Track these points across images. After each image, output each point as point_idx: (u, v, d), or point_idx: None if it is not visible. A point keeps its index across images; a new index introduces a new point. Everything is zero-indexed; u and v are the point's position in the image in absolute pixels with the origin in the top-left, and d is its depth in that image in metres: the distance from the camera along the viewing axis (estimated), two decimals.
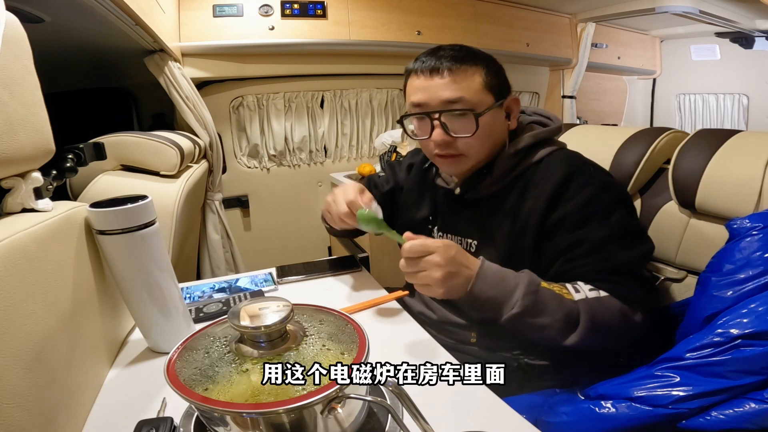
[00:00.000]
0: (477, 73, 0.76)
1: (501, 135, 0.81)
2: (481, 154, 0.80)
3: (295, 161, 2.16)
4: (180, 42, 1.73)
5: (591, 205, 0.73)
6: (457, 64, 0.75)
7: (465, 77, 0.75)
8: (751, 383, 0.55)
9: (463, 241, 0.85)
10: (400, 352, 0.65)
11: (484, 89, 0.76)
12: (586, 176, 0.75)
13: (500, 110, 0.79)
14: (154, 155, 1.15)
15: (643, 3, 2.32)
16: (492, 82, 0.77)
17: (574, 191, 0.74)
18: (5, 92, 0.44)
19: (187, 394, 0.38)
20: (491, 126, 0.78)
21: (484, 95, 0.76)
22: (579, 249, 0.72)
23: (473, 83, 0.75)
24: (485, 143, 0.79)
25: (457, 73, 0.75)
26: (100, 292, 0.60)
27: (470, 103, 0.75)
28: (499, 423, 0.49)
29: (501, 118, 0.80)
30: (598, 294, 0.69)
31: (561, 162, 0.78)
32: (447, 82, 0.75)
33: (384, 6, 1.99)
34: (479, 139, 0.77)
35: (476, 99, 0.75)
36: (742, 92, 3.49)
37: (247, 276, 0.95)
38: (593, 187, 0.74)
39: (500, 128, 0.80)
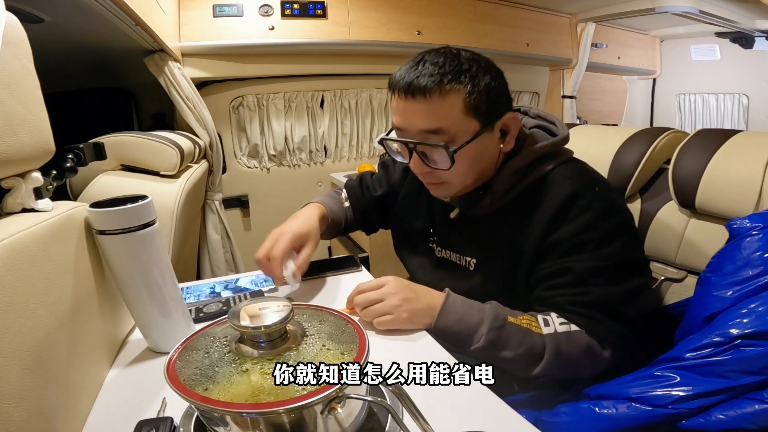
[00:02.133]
0: (458, 96, 0.66)
1: (491, 159, 0.74)
2: (467, 180, 0.74)
3: (295, 161, 2.16)
4: (180, 42, 1.73)
5: (587, 233, 0.68)
6: (436, 85, 0.65)
7: (442, 103, 0.66)
8: (751, 383, 0.55)
9: (461, 259, 0.82)
10: (400, 352, 0.65)
11: (466, 115, 0.67)
12: (588, 199, 0.70)
13: (489, 134, 0.70)
14: (154, 155, 1.15)
15: (643, 3, 2.32)
16: (478, 103, 0.67)
17: (573, 215, 0.69)
18: (5, 92, 0.44)
19: (187, 394, 0.38)
20: (476, 154, 0.70)
21: (466, 122, 0.67)
22: (562, 278, 0.69)
23: (452, 109, 0.66)
24: (469, 172, 0.72)
25: (433, 99, 0.65)
26: (100, 292, 0.60)
27: (448, 133, 0.67)
28: (499, 423, 0.49)
29: (491, 143, 0.71)
30: (568, 328, 0.67)
31: (565, 180, 0.72)
32: (423, 108, 0.66)
33: (384, 6, 2.00)
34: (459, 171, 0.70)
35: (456, 128, 0.67)
36: (742, 92, 3.49)
37: (247, 276, 0.95)
38: (593, 213, 0.69)
39: (490, 153, 0.73)
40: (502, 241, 0.75)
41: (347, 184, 1.04)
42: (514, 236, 0.74)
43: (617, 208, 0.72)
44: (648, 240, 0.93)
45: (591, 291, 0.68)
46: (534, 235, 0.71)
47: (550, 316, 0.68)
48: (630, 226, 0.74)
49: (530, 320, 0.68)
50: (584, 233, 0.68)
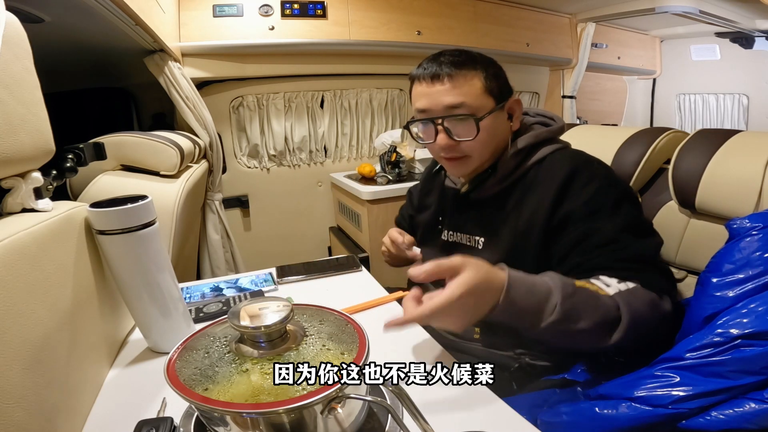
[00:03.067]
0: (477, 78, 0.78)
1: (503, 136, 0.83)
2: (485, 155, 0.82)
3: (295, 161, 2.16)
4: (180, 42, 1.73)
5: (597, 200, 0.73)
6: (457, 69, 0.77)
7: (465, 82, 0.77)
8: (751, 383, 0.55)
9: (471, 239, 0.87)
10: (401, 352, 0.65)
11: (484, 93, 0.78)
12: (590, 171, 0.76)
13: (502, 112, 0.81)
14: (154, 155, 1.15)
15: (643, 3, 2.32)
16: (492, 86, 0.79)
17: (579, 187, 0.74)
18: (5, 92, 0.44)
19: (187, 394, 0.38)
20: (493, 128, 0.80)
21: (485, 99, 0.78)
22: (592, 239, 0.70)
23: (473, 88, 0.77)
24: (488, 145, 0.81)
25: (457, 79, 0.77)
26: (100, 292, 0.60)
27: (471, 107, 0.77)
28: (499, 423, 0.49)
29: (503, 120, 0.82)
30: (627, 286, 0.64)
31: (564, 159, 0.79)
32: (448, 87, 0.77)
33: (384, 6, 1.99)
34: (481, 141, 0.79)
35: (477, 103, 0.77)
36: (742, 92, 3.49)
37: (247, 276, 0.95)
38: (598, 181, 0.74)
39: (502, 130, 0.82)
40: (508, 219, 0.80)
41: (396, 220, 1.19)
42: (520, 213, 0.78)
43: (619, 178, 0.78)
44: None
45: (627, 246, 0.69)
46: (541, 212, 0.75)
47: (602, 278, 0.65)
48: (633, 193, 0.79)
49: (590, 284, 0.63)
50: (595, 200, 0.73)
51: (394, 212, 1.81)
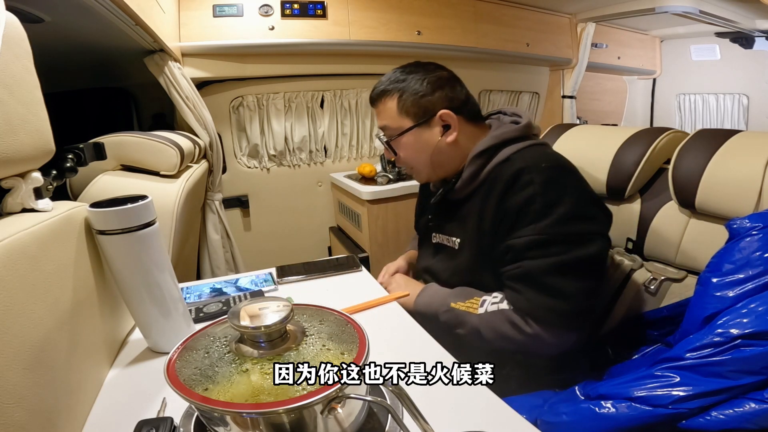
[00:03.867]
0: (391, 101, 0.86)
1: (442, 148, 0.87)
2: (422, 166, 0.89)
3: (295, 161, 2.16)
4: (180, 42, 1.73)
5: (527, 205, 0.76)
6: (378, 96, 0.88)
7: (384, 108, 0.88)
8: (751, 383, 0.55)
9: (449, 240, 0.90)
10: (401, 352, 0.65)
11: (398, 116, 0.86)
12: (532, 174, 0.77)
13: (428, 128, 0.86)
14: (154, 155, 1.15)
15: (643, 3, 2.31)
16: (408, 107, 0.85)
17: (518, 188, 0.77)
18: (5, 92, 0.44)
19: (187, 394, 0.38)
20: (417, 144, 0.87)
21: (399, 121, 0.86)
22: (507, 255, 0.79)
23: (389, 111, 0.87)
24: (418, 158, 0.88)
25: (378, 104, 0.89)
26: (100, 292, 0.60)
27: (392, 129, 0.87)
28: (499, 423, 0.49)
29: (432, 135, 0.86)
30: (497, 308, 0.80)
31: (519, 159, 0.81)
32: (377, 110, 0.90)
33: (384, 6, 1.99)
34: (409, 156, 0.88)
35: (395, 125, 0.87)
36: (742, 92, 3.49)
37: (247, 276, 0.95)
38: (534, 186, 0.76)
39: (434, 142, 0.86)
40: (476, 219, 0.84)
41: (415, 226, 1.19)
42: (481, 213, 0.83)
43: (561, 181, 0.79)
44: (648, 240, 0.93)
45: (522, 265, 0.77)
46: (492, 209, 0.80)
47: (489, 297, 0.82)
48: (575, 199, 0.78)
49: (473, 303, 0.82)
50: (525, 206, 0.76)
51: (394, 212, 1.82)
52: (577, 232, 0.76)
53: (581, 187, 0.81)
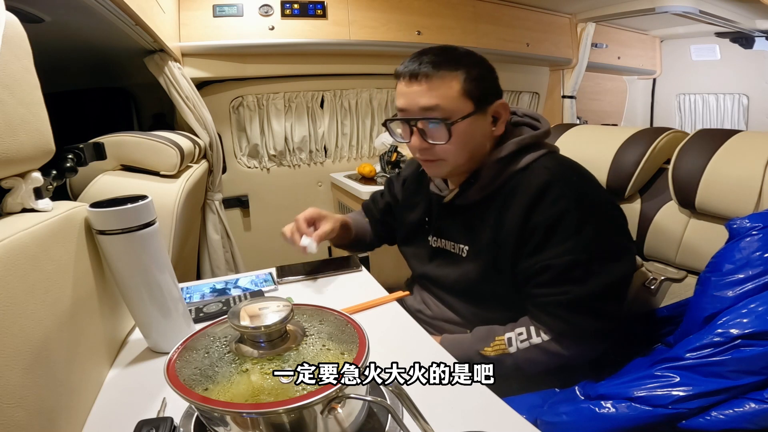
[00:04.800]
0: (455, 80, 0.75)
1: (483, 140, 0.80)
2: (460, 159, 0.79)
3: (295, 161, 2.16)
4: (180, 42, 1.73)
5: (561, 219, 0.72)
6: (435, 69, 0.74)
7: (442, 84, 0.74)
8: (751, 383, 0.55)
9: (455, 246, 0.86)
10: (401, 352, 0.65)
11: (461, 96, 0.75)
12: (562, 187, 0.74)
13: (483, 116, 0.78)
14: (154, 155, 1.15)
15: (643, 3, 2.31)
16: (472, 88, 0.75)
17: (548, 202, 0.73)
18: (5, 92, 0.44)
19: (187, 394, 0.38)
20: (469, 133, 0.77)
21: (462, 102, 0.75)
22: (544, 275, 0.74)
23: (450, 90, 0.74)
24: (463, 150, 0.78)
25: (434, 80, 0.74)
26: (100, 292, 0.60)
27: (446, 110, 0.75)
28: (499, 423, 0.49)
29: (483, 125, 0.78)
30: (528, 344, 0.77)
31: (544, 170, 0.77)
32: (424, 89, 0.75)
33: (384, 6, 1.99)
34: (455, 146, 0.77)
35: (452, 106, 0.75)
36: (742, 92, 3.49)
37: (247, 276, 0.95)
38: (567, 200, 0.73)
39: (482, 134, 0.79)
40: (489, 228, 0.80)
41: (363, 205, 1.16)
42: (499, 223, 0.78)
43: (592, 195, 0.77)
44: (648, 240, 0.93)
45: (569, 290, 0.73)
46: (514, 221, 0.76)
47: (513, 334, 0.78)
48: (607, 212, 0.78)
49: (500, 343, 0.79)
50: (559, 219, 0.72)
51: None
52: (614, 248, 0.75)
53: (606, 199, 0.79)
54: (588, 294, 0.72)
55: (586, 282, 0.72)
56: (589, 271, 0.72)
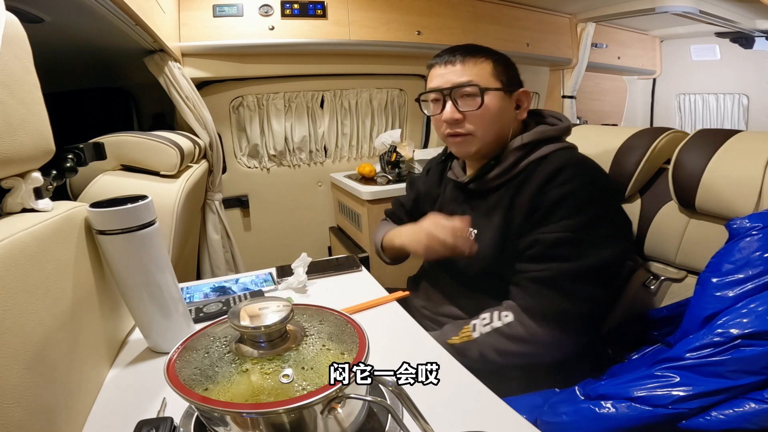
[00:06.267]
0: (486, 63, 0.83)
1: (508, 122, 0.85)
2: (488, 136, 0.84)
3: (295, 161, 2.16)
4: (180, 42, 1.73)
5: (563, 200, 0.75)
6: (469, 55, 0.84)
7: (475, 65, 0.83)
8: (751, 383, 0.55)
9: None
10: (401, 352, 0.65)
11: (492, 76, 0.83)
12: (574, 170, 0.77)
13: (508, 99, 0.85)
14: (154, 155, 1.15)
15: (643, 3, 2.31)
16: (500, 73, 0.84)
17: (556, 184, 0.76)
18: (5, 92, 0.44)
19: (187, 394, 0.38)
20: (498, 109, 0.83)
21: (492, 81, 0.83)
22: (532, 250, 0.77)
23: (483, 70, 0.83)
24: (492, 125, 0.83)
25: (468, 62, 0.83)
26: (100, 292, 0.60)
27: (479, 83, 0.82)
28: (499, 423, 0.49)
29: (509, 107, 0.85)
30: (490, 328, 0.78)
31: (558, 158, 0.80)
32: (459, 69, 0.83)
33: (384, 6, 1.99)
34: (486, 119, 0.82)
35: (484, 82, 0.82)
36: (742, 92, 3.49)
37: (247, 276, 0.95)
38: (575, 182, 0.76)
39: (508, 116, 0.85)
40: (501, 211, 0.83)
41: (387, 212, 1.18)
42: (511, 206, 0.82)
43: (602, 183, 0.79)
44: (648, 240, 0.93)
45: (550, 267, 0.75)
46: (525, 201, 0.79)
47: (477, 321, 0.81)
48: (610, 203, 0.80)
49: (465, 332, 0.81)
50: (561, 200, 0.75)
51: None
52: (606, 234, 0.76)
53: (614, 192, 0.82)
54: (565, 272, 0.74)
55: (568, 260, 0.74)
56: (575, 250, 0.74)
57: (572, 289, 0.74)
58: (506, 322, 0.77)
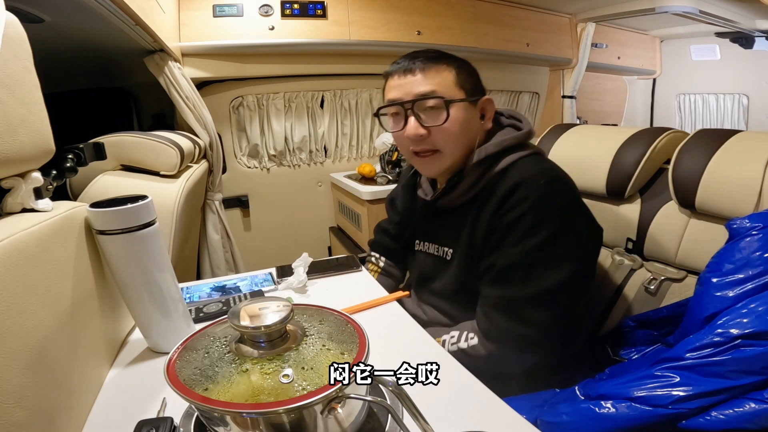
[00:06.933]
0: (448, 71, 0.78)
1: (475, 135, 0.81)
2: (457, 151, 0.80)
3: (295, 161, 2.16)
4: (180, 42, 1.73)
5: (518, 222, 0.73)
6: (430, 63, 0.78)
7: (437, 74, 0.77)
8: (751, 383, 0.55)
9: (439, 249, 0.87)
10: (400, 352, 0.65)
11: (455, 85, 0.78)
12: (529, 190, 0.73)
13: (473, 109, 0.80)
14: (154, 155, 1.15)
15: (643, 3, 2.31)
16: (463, 81, 0.79)
17: (511, 204, 0.74)
18: (5, 92, 0.44)
19: (187, 394, 0.38)
20: (465, 121, 0.78)
21: (456, 91, 0.78)
22: (488, 274, 0.77)
23: (445, 79, 0.78)
24: (460, 139, 0.79)
25: (429, 71, 0.77)
26: (100, 292, 0.60)
27: (442, 94, 0.77)
28: (499, 423, 0.49)
29: (475, 117, 0.81)
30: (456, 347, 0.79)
31: (517, 172, 0.77)
32: (419, 78, 0.77)
33: (384, 6, 1.99)
34: (452, 133, 0.77)
35: (448, 93, 0.77)
36: (742, 92, 3.49)
37: (247, 276, 0.95)
38: (528, 202, 0.72)
39: (474, 127, 0.81)
40: (467, 230, 0.81)
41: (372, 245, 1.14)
42: (474, 224, 0.80)
43: (558, 199, 0.75)
44: (648, 240, 0.93)
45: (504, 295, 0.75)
46: (485, 222, 0.77)
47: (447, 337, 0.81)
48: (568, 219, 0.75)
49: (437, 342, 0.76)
50: (515, 222, 0.73)
51: None
52: (561, 256, 0.73)
53: (573, 205, 0.78)
54: (518, 299, 0.73)
55: (521, 285, 0.73)
56: (528, 275, 0.72)
57: (527, 314, 0.73)
58: (471, 344, 0.78)
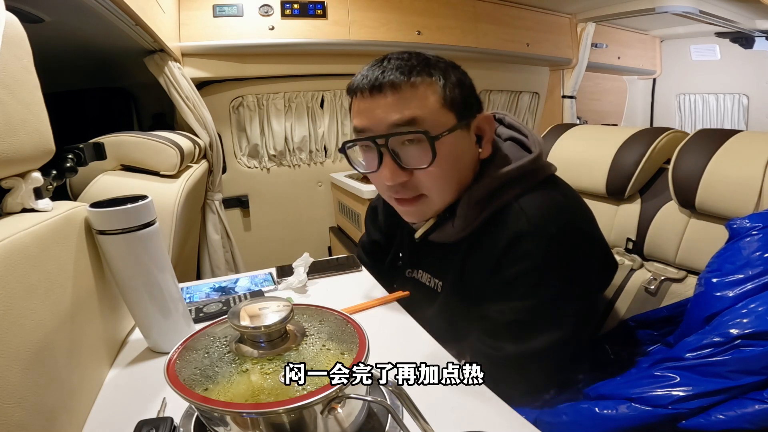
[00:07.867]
0: (430, 88, 0.60)
1: (470, 165, 0.65)
2: (447, 194, 0.65)
3: (295, 161, 2.16)
4: (180, 42, 1.73)
5: (520, 279, 0.63)
6: (404, 77, 0.60)
7: (415, 94, 0.60)
8: (751, 383, 0.55)
9: (431, 280, 0.80)
10: (401, 352, 0.65)
11: (441, 107, 0.60)
12: (532, 242, 0.61)
13: (466, 133, 0.63)
14: (154, 155, 1.15)
15: (643, 3, 2.31)
16: (453, 97, 0.61)
17: (513, 258, 0.62)
18: (5, 92, 0.44)
19: (187, 394, 0.38)
20: (456, 154, 0.62)
21: (442, 114, 0.61)
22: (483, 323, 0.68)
23: (426, 99, 0.60)
24: (450, 178, 0.63)
25: (405, 90, 0.59)
26: (100, 292, 0.60)
27: (424, 125, 0.59)
28: (499, 423, 0.49)
29: (469, 143, 0.64)
30: None
31: (521, 216, 0.62)
32: (393, 102, 0.60)
33: (384, 6, 1.99)
34: (441, 173, 0.61)
35: (432, 119, 0.60)
36: (742, 92, 3.49)
37: (247, 276, 0.95)
38: (532, 258, 0.61)
39: (469, 156, 0.65)
40: (463, 270, 0.71)
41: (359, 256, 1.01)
42: (472, 268, 0.69)
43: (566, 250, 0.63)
44: (648, 240, 0.93)
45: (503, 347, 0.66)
46: (483, 268, 0.66)
47: None
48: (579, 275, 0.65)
49: None
50: (518, 277, 0.63)
51: None
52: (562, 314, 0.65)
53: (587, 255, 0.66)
54: (512, 355, 0.65)
55: (516, 342, 0.65)
56: (525, 332, 0.65)
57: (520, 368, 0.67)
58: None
